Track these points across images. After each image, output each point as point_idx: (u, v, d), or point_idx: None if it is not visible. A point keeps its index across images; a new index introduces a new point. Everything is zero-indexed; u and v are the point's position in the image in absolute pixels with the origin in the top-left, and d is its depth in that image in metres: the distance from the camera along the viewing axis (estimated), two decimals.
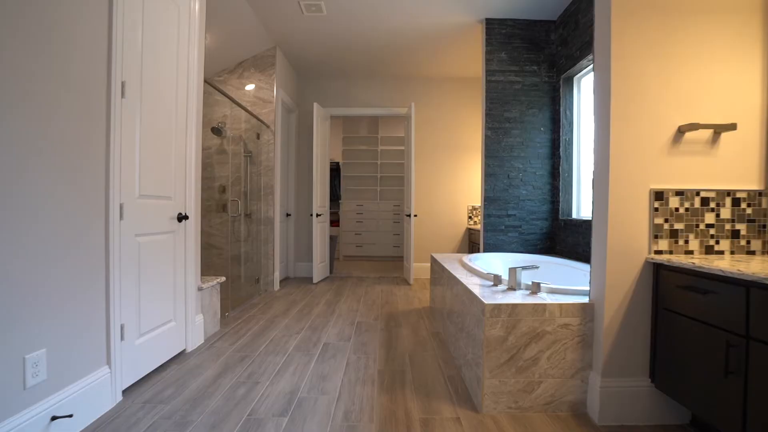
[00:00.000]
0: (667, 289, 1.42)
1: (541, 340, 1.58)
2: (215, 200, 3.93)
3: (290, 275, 4.85)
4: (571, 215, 3.34)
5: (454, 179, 4.99)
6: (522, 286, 1.85)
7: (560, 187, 3.37)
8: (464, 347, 1.93)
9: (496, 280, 1.94)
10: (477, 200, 4.99)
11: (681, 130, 1.51)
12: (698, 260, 1.35)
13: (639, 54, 1.54)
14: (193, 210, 2.32)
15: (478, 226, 4.79)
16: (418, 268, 4.91)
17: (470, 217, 4.97)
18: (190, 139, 2.29)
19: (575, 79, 3.33)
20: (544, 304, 1.57)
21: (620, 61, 1.54)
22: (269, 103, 3.97)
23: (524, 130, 3.49)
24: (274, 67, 3.97)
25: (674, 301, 1.39)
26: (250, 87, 3.97)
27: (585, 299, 1.64)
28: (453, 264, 2.78)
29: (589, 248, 2.82)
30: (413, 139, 4.42)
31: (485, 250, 3.48)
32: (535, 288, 1.76)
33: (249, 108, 3.94)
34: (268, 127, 3.96)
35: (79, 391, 1.48)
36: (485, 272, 2.14)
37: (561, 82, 3.36)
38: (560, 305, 1.57)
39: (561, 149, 3.36)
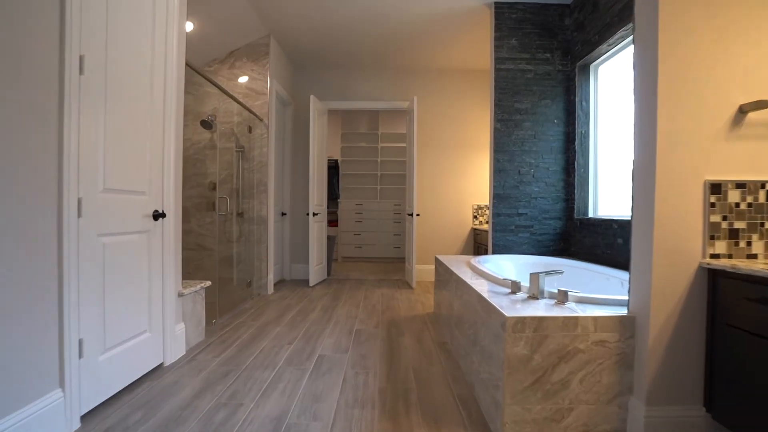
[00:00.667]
0: (730, 301, 1.18)
1: (573, 359, 1.33)
2: (206, 198, 3.69)
3: (286, 278, 4.60)
4: (587, 214, 3.10)
5: (458, 177, 4.74)
6: (545, 295, 1.60)
7: (575, 184, 3.12)
8: (477, 364, 1.69)
9: (515, 287, 1.69)
10: (482, 199, 4.74)
11: (743, 110, 1.27)
12: None
13: (691, 23, 1.30)
14: (173, 207, 2.08)
15: (484, 226, 4.55)
16: (421, 271, 4.66)
17: (475, 217, 4.73)
18: (169, 129, 2.04)
19: (592, 67, 3.09)
20: (576, 317, 1.33)
21: (669, 33, 1.30)
22: (262, 95, 3.73)
23: (536, 122, 3.25)
24: (267, 57, 3.73)
25: (740, 315, 1.14)
26: (243, 79, 3.73)
27: (623, 311, 1.39)
28: (461, 267, 2.53)
29: (610, 250, 2.57)
30: (415, 134, 4.18)
31: (494, 252, 3.24)
32: (562, 297, 1.51)
33: (241, 100, 3.69)
34: (261, 120, 3.71)
35: (22, 421, 1.23)
36: (501, 278, 1.89)
37: (576, 70, 3.12)
38: (594, 318, 1.33)
39: (576, 143, 3.12)
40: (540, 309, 1.42)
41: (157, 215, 1.92)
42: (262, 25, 3.60)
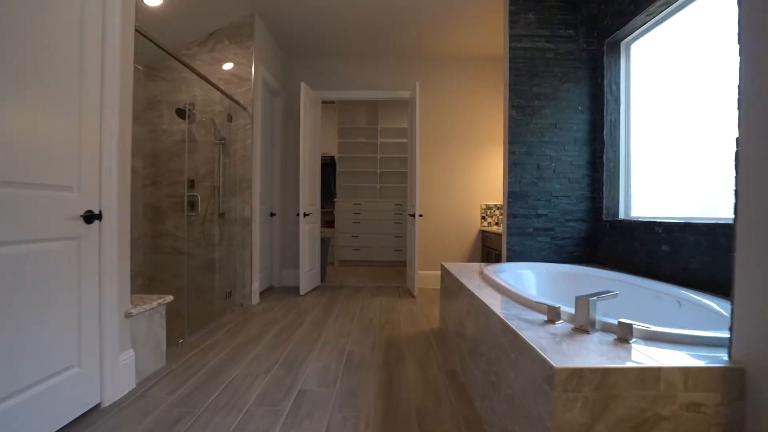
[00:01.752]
0: None
1: (653, 431, 0.91)
2: (182, 197, 3.28)
3: (275, 284, 4.18)
4: (617, 215, 2.67)
5: (465, 174, 4.32)
6: (597, 326, 1.18)
7: (604, 180, 2.69)
8: (503, 416, 1.26)
9: (553, 314, 1.27)
10: (492, 198, 4.31)
11: None
12: None
13: None
14: (115, 207, 1.66)
15: (494, 228, 4.12)
16: (424, 277, 4.24)
17: (484, 218, 4.30)
18: (111, 112, 1.63)
19: (623, 44, 2.66)
20: (657, 369, 0.90)
21: None
22: (246, 81, 3.31)
23: (557, 108, 2.82)
24: (252, 39, 3.31)
25: None
26: (228, 65, 3.31)
27: (719, 355, 0.97)
28: (472, 278, 2.11)
29: (652, 258, 2.14)
30: (418, 126, 3.76)
31: (509, 258, 2.81)
32: (623, 332, 1.09)
33: (223, 87, 3.28)
34: (244, 109, 3.30)
35: None
36: (533, 299, 1.47)
37: (605, 48, 2.69)
38: (684, 371, 0.91)
39: (605, 133, 2.69)
40: (597, 352, 1.00)
41: (91, 217, 1.51)
42: (245, 1, 3.19)
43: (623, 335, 1.08)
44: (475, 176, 4.32)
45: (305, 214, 3.75)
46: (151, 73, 3.29)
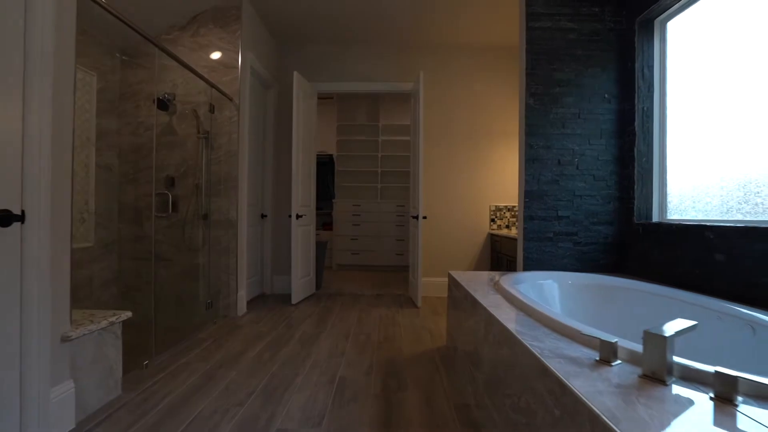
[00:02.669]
0: None
1: None
2: (162, 197, 2.96)
3: (267, 292, 3.86)
4: (651, 217, 2.32)
5: (472, 173, 3.98)
6: (675, 372, 0.84)
7: (635, 178, 2.35)
8: None
9: (609, 351, 0.93)
10: (501, 199, 3.97)
11: None
12: None
13: None
14: (46, 207, 1.34)
15: (504, 231, 3.78)
16: (428, 284, 3.90)
17: (493, 220, 3.96)
18: (36, 94, 1.31)
19: (657, 22, 2.32)
20: None
21: None
22: (232, 69, 3.00)
23: (581, 97, 2.48)
24: (239, 22, 3.00)
25: None
26: (212, 52, 3.00)
27: None
28: (486, 292, 1.77)
29: (701, 268, 1.80)
30: (422, 120, 3.43)
31: (526, 266, 2.47)
32: (725, 386, 0.74)
33: (207, 74, 2.97)
34: (230, 99, 2.98)
35: None
36: (573, 326, 1.12)
37: (636, 27, 2.35)
38: None
39: (636, 123, 2.35)
40: (695, 423, 0.66)
41: (7, 218, 1.19)
42: None
43: (724, 392, 0.74)
44: (484, 175, 3.98)
45: (298, 216, 3.43)
46: (128, 60, 2.98)
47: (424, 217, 3.47)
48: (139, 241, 2.97)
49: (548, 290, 2.10)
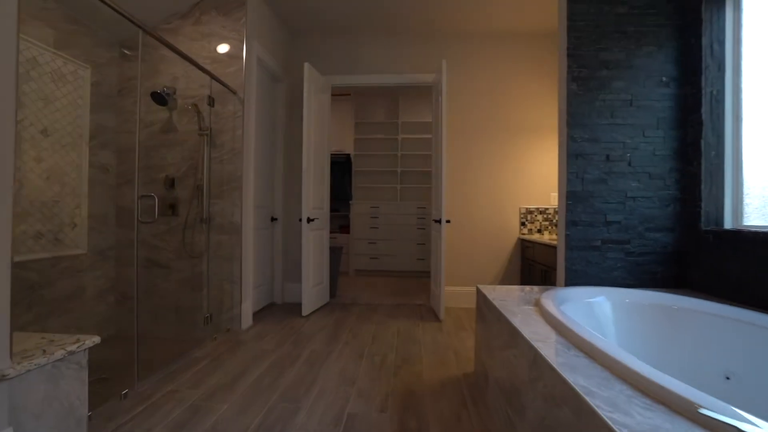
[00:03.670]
0: None
1: None
2: (161, 199, 2.75)
3: (277, 301, 3.60)
4: (722, 223, 1.92)
5: (501, 172, 3.62)
6: None
7: (702, 175, 1.95)
8: None
9: None
10: (533, 200, 3.59)
11: None
12: None
13: None
14: None
15: (535, 236, 3.40)
16: (452, 294, 3.56)
17: (523, 224, 3.58)
18: None
19: None
20: None
21: None
22: (237, 60, 2.75)
23: (633, 80, 2.10)
24: (243, 8, 2.75)
25: None
26: (215, 42, 2.76)
27: None
28: (527, 316, 1.43)
29: None
30: (444, 115, 3.10)
31: (568, 280, 2.10)
32: None
33: (209, 66, 2.74)
34: (234, 93, 2.73)
35: None
36: (692, 401, 0.78)
37: None
38: None
39: (703, 110, 1.95)
40: None
41: None
42: None
43: None
44: (514, 175, 3.61)
45: (309, 219, 3.15)
46: (125, 53, 2.78)
47: (448, 221, 3.14)
48: (132, 247, 2.75)
49: (600, 311, 1.73)
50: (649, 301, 1.72)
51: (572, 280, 2.10)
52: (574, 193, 2.11)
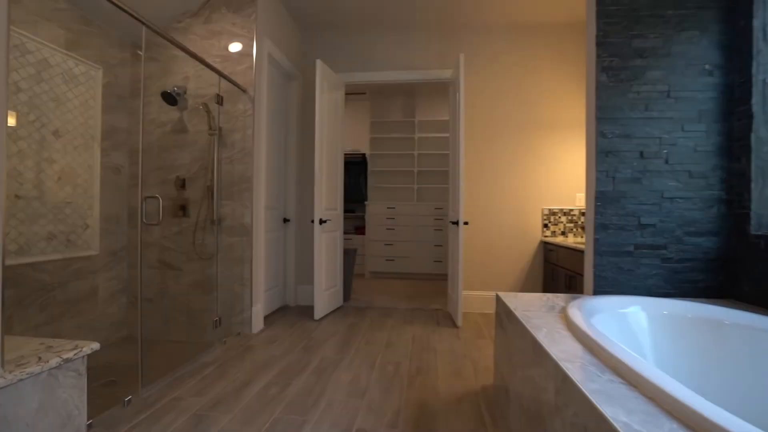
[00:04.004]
0: None
1: None
2: (172, 200, 2.72)
3: (290, 303, 3.54)
4: None
5: (521, 171, 3.44)
6: None
7: (751, 174, 1.75)
8: None
9: None
10: (556, 201, 3.40)
11: None
12: None
13: None
14: None
15: (559, 239, 3.21)
16: (470, 298, 3.41)
17: (546, 225, 3.40)
18: None
19: None
20: None
21: None
22: (247, 57, 2.69)
23: (671, 69, 1.91)
24: (254, 4, 2.69)
25: None
26: (225, 40, 2.71)
27: None
28: (552, 329, 1.29)
29: None
30: (462, 111, 2.95)
31: (597, 287, 1.93)
32: None
33: (219, 64, 2.69)
34: (244, 91, 2.67)
35: None
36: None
37: None
38: None
39: (753, 101, 1.75)
40: None
41: None
42: None
43: None
44: (536, 174, 3.42)
45: (322, 221, 3.07)
46: (135, 53, 2.76)
47: (465, 223, 3.00)
48: (148, 248, 2.74)
49: (634, 323, 1.57)
50: (693, 314, 1.53)
51: (601, 288, 1.93)
52: (603, 193, 1.94)
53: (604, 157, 1.94)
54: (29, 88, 2.16)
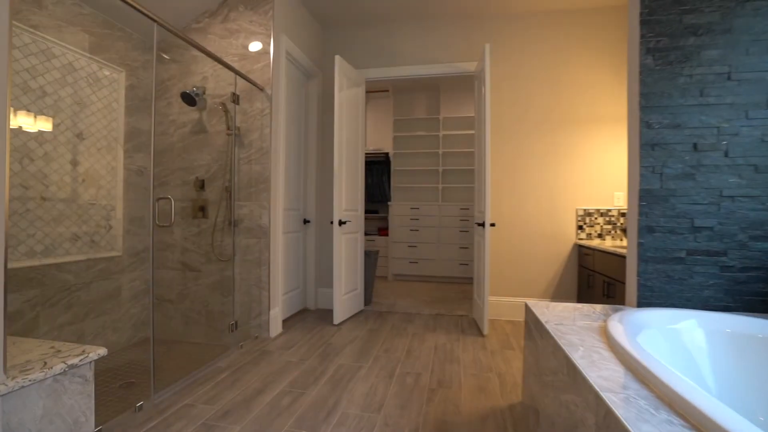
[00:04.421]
0: None
1: None
2: (191, 201, 2.71)
3: (310, 306, 3.47)
4: None
5: (554, 169, 3.21)
6: None
7: None
8: None
9: None
10: (592, 200, 3.14)
11: None
12: None
13: None
14: None
15: (595, 242, 2.96)
16: (497, 305, 3.21)
17: (581, 227, 3.15)
18: None
19: None
20: None
21: None
22: (264, 55, 2.64)
23: (732, 47, 1.67)
24: (271, 1, 2.63)
25: None
26: (242, 38, 2.67)
27: None
28: (590, 348, 1.12)
29: None
30: (488, 105, 2.77)
31: (641, 297, 1.72)
32: None
33: (237, 64, 2.66)
34: (261, 89, 2.62)
35: None
36: None
37: None
38: None
39: None
40: None
41: None
42: None
43: None
44: (569, 172, 3.18)
45: (341, 222, 2.98)
46: (158, 55, 2.77)
47: (492, 225, 2.82)
48: (168, 249, 2.74)
49: (689, 342, 1.35)
50: (761, 333, 1.31)
51: (646, 299, 1.71)
52: (649, 191, 1.72)
53: (649, 151, 1.72)
54: (54, 92, 2.19)
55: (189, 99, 2.60)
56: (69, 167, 2.28)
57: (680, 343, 1.32)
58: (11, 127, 1.95)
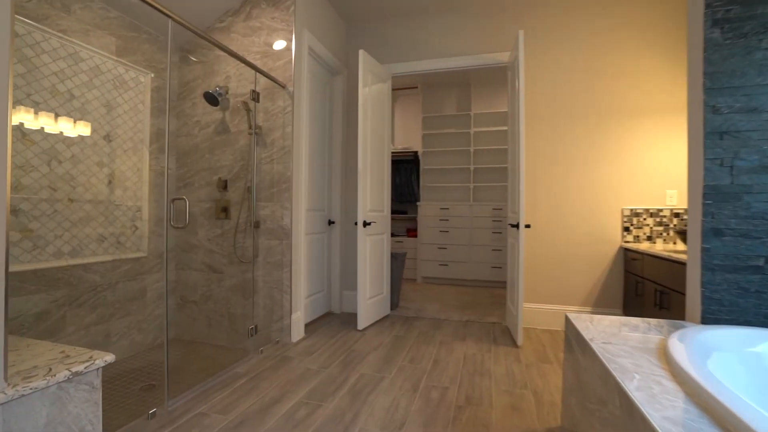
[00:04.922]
0: None
1: None
2: (214, 201, 2.68)
3: (335, 310, 3.38)
4: None
5: (596, 166, 2.93)
6: None
7: None
8: None
9: None
10: (639, 199, 2.84)
11: None
12: None
13: None
14: None
15: (644, 245, 2.68)
16: (532, 313, 2.98)
17: (627, 229, 2.86)
18: None
19: None
20: None
21: None
22: (286, 51, 2.57)
23: None
24: None
25: None
26: (267, 36, 2.62)
27: None
28: (647, 374, 0.92)
29: None
30: (522, 98, 2.56)
31: (706, 312, 1.47)
32: None
33: (259, 61, 2.60)
34: (282, 87, 2.55)
35: None
36: None
37: None
38: None
39: None
40: None
41: None
42: None
43: None
44: (614, 168, 2.90)
45: (366, 223, 2.86)
46: (184, 56, 2.78)
47: (527, 226, 2.60)
48: (193, 250, 2.73)
49: None
50: None
51: (713, 314, 1.47)
52: (716, 188, 1.47)
53: (716, 140, 1.47)
54: (82, 95, 2.22)
55: (212, 99, 2.57)
56: (96, 169, 2.30)
57: (762, 370, 1.09)
58: (38, 128, 1.98)
